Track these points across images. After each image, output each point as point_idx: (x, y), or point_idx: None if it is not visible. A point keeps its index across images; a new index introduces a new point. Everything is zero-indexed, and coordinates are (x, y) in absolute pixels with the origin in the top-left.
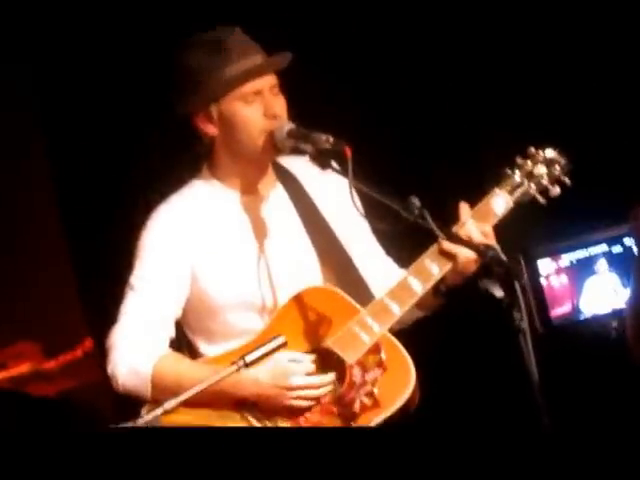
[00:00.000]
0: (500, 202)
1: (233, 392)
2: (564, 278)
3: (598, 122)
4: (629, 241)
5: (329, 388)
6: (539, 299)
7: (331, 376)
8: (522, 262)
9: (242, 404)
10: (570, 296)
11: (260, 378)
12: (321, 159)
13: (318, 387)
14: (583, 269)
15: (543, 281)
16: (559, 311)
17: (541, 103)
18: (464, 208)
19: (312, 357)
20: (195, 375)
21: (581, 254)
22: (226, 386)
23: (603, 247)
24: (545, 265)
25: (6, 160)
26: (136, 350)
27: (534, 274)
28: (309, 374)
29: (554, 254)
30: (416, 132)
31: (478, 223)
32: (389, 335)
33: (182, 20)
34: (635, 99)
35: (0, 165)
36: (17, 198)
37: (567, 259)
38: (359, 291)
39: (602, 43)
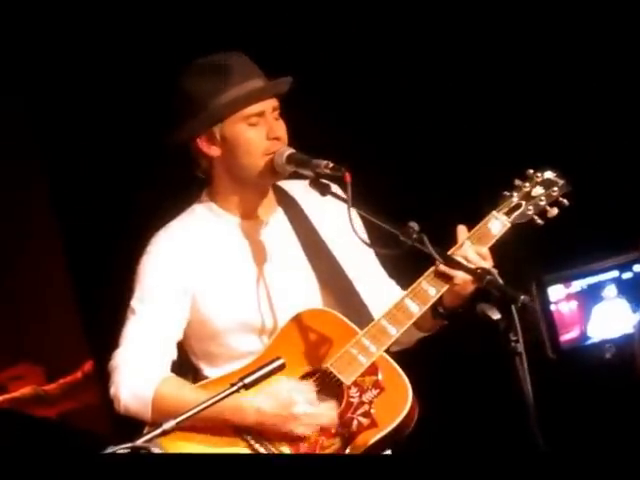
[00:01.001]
0: (497, 224)
1: (235, 420)
2: (573, 304)
3: (611, 150)
4: (639, 267)
5: (331, 416)
6: (549, 325)
7: (332, 405)
8: (534, 288)
9: (245, 431)
10: (579, 322)
11: (262, 407)
12: (321, 184)
13: (320, 416)
14: (592, 295)
15: (553, 307)
16: (567, 336)
17: (551, 131)
18: (461, 230)
19: (312, 386)
20: (196, 401)
21: (591, 280)
22: (228, 414)
23: (614, 273)
24: (555, 291)
25: (8, 189)
26: (138, 373)
27: (545, 301)
28: (311, 402)
29: (566, 281)
30: (415, 157)
31: (475, 245)
32: (386, 356)
33: (181, 47)
34: None
35: (2, 193)
36: (19, 222)
37: (578, 285)
38: (359, 314)
39: (606, 67)
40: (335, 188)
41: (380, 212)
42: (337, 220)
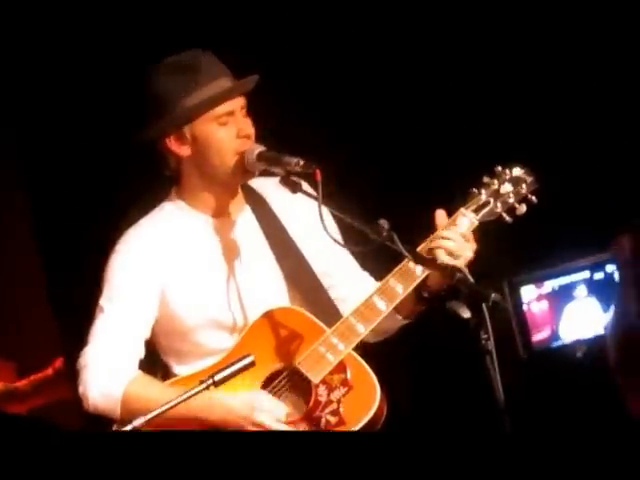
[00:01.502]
0: (465, 221)
1: (202, 415)
2: (545, 304)
3: (582, 149)
4: (611, 267)
5: None
6: (521, 325)
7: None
8: (506, 289)
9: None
10: (550, 322)
11: (234, 407)
12: (291, 182)
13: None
14: (563, 295)
15: (525, 307)
16: (539, 336)
17: (525, 130)
18: (440, 215)
19: (287, 409)
20: (165, 399)
21: (564, 281)
22: (197, 409)
23: (586, 274)
24: (527, 292)
25: None
26: (106, 371)
27: (517, 301)
28: (278, 419)
29: (538, 281)
30: (386, 155)
31: (458, 229)
32: (354, 354)
33: (149, 47)
34: (621, 123)
35: None
36: None
37: (549, 286)
38: (326, 312)
39: (588, 64)
40: (305, 186)
41: (351, 210)
42: (307, 217)
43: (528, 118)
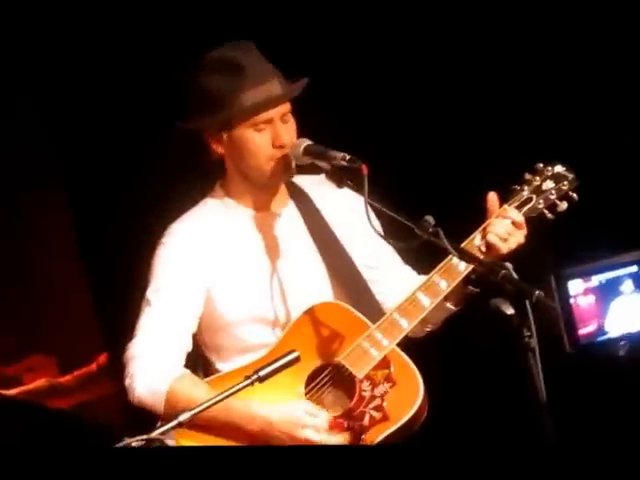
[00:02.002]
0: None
1: (242, 423)
2: (591, 298)
3: (633, 146)
4: None
5: None
6: (568, 319)
7: (340, 438)
8: (553, 283)
9: (249, 438)
10: (596, 316)
11: (274, 421)
12: (337, 176)
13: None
14: (610, 289)
15: (572, 301)
16: (584, 330)
17: (565, 125)
18: (492, 198)
19: (328, 416)
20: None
21: (610, 275)
22: (236, 418)
23: (633, 268)
24: (574, 286)
25: (25, 186)
26: (154, 365)
27: (564, 295)
28: (318, 431)
29: (585, 275)
30: (428, 151)
31: (511, 213)
32: (398, 350)
33: (190, 40)
34: None
35: (20, 191)
36: (33, 214)
37: (596, 280)
38: (369, 307)
39: (610, 65)
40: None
41: (395, 206)
42: (350, 212)
43: (571, 115)
